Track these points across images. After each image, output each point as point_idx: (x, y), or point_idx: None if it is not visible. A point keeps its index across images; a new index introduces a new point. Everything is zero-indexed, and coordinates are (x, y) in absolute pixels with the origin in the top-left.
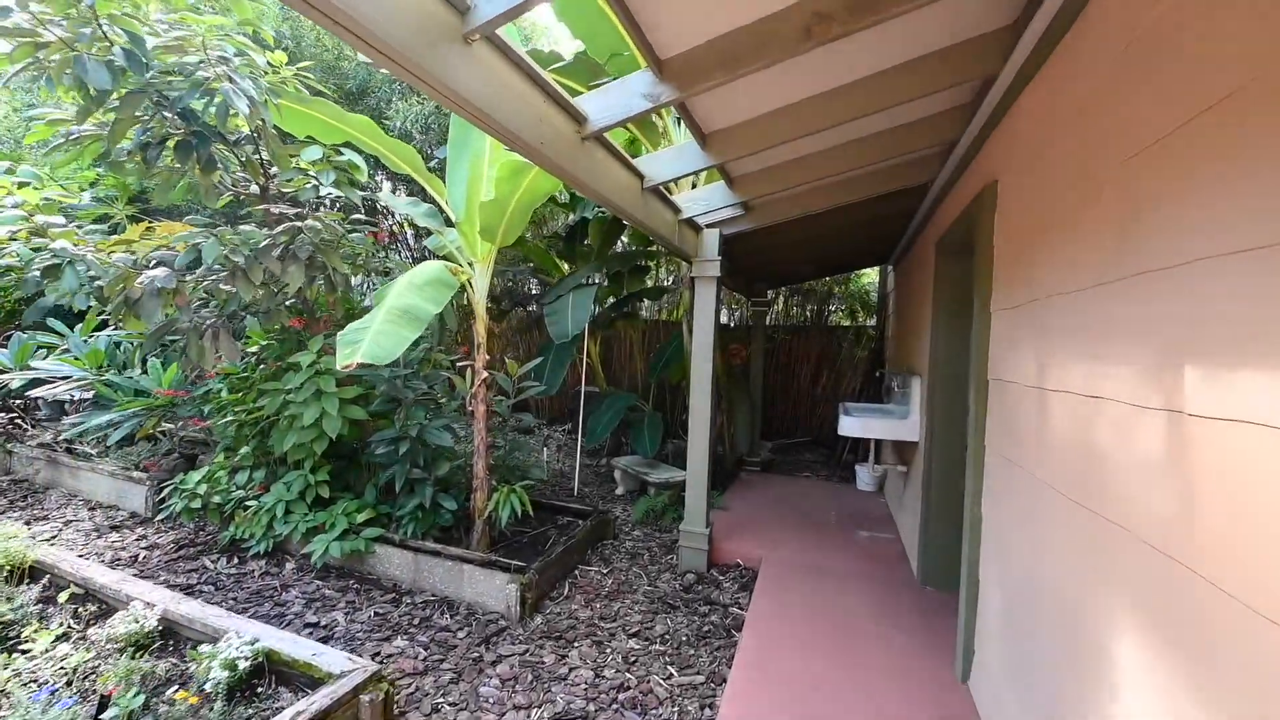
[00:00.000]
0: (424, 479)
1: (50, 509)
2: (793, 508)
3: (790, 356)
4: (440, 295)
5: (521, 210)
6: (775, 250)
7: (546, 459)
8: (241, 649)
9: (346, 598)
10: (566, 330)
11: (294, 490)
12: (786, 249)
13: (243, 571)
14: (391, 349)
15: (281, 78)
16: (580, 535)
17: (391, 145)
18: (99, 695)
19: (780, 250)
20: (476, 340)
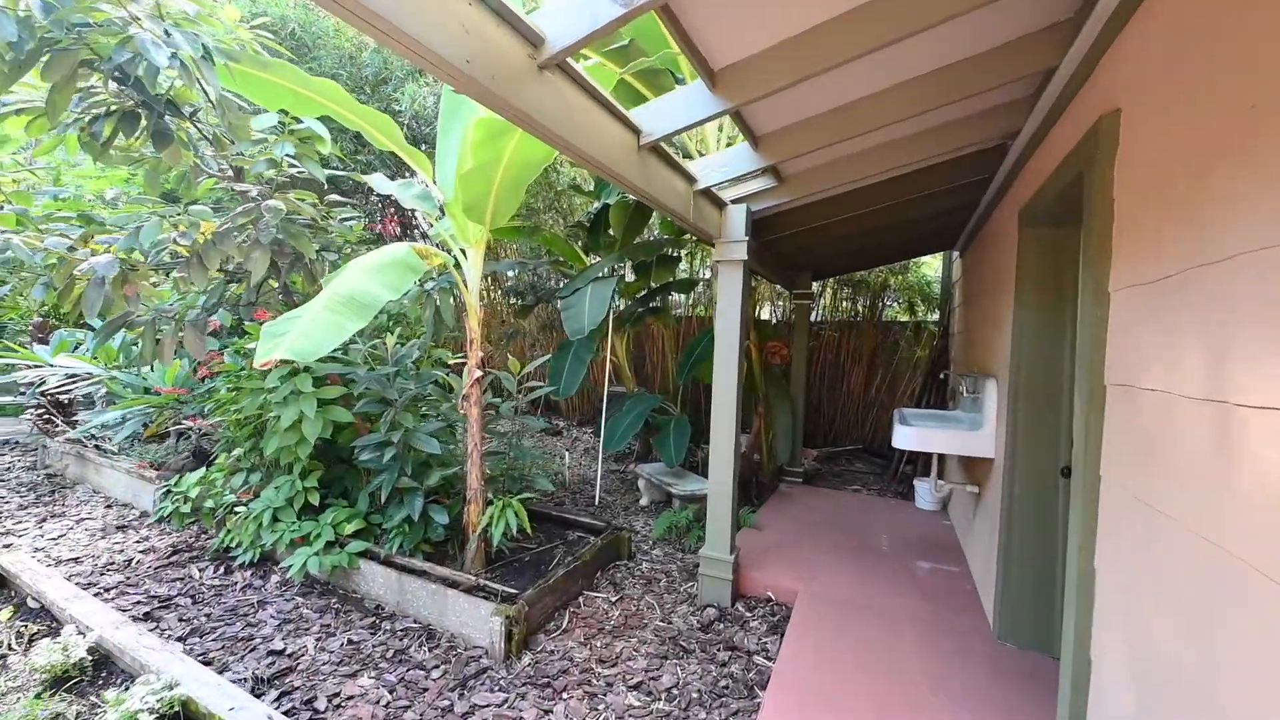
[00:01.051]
0: (414, 488)
1: (69, 506)
2: (838, 528)
3: (839, 355)
4: (399, 280)
5: (512, 184)
6: (818, 234)
7: (569, 463)
8: (148, 699)
9: (324, 619)
10: (583, 326)
11: (282, 496)
12: (831, 232)
13: (226, 583)
14: (323, 342)
15: (237, 38)
16: (587, 556)
17: (364, 113)
18: None
19: (824, 234)
20: (469, 336)
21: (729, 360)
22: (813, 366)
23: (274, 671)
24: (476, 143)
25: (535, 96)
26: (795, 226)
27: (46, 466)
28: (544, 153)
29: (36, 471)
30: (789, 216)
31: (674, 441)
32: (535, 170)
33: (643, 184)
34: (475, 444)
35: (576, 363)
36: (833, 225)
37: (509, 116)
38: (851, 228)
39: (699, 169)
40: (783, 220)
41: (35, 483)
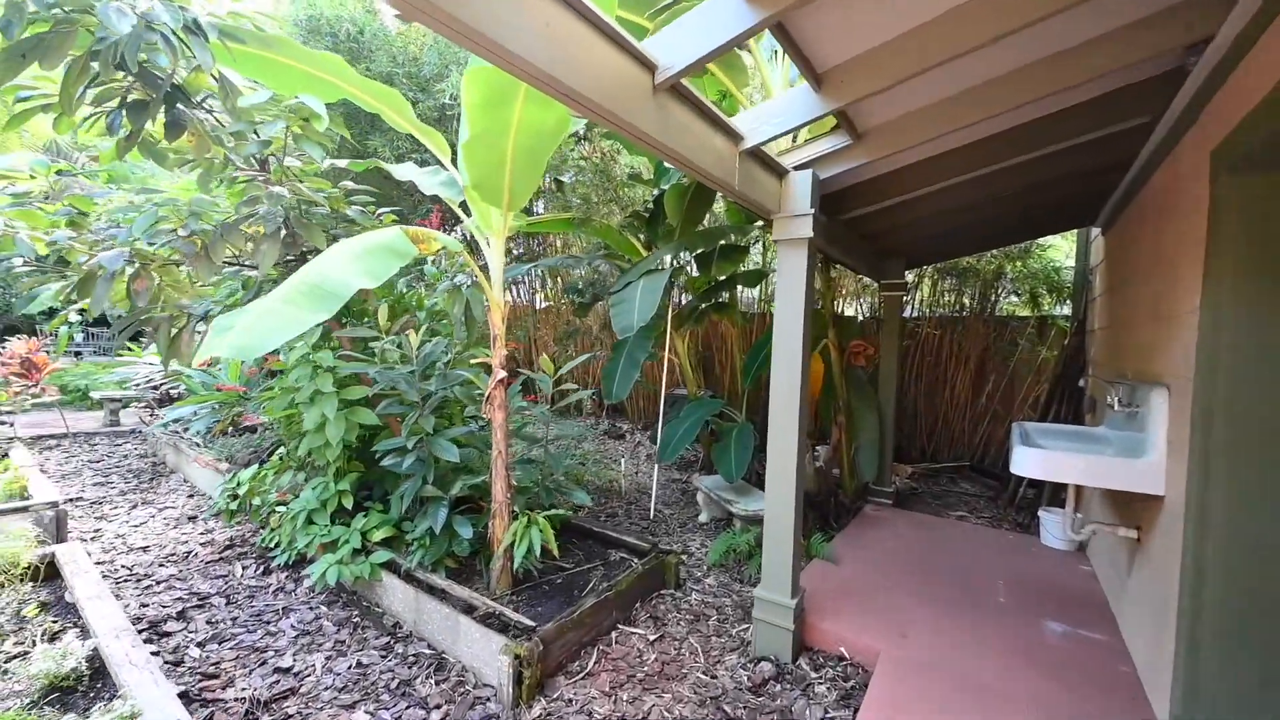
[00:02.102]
0: (438, 498)
1: (160, 494)
2: (938, 567)
3: (939, 356)
4: (381, 266)
5: (526, 157)
6: (911, 209)
7: (625, 470)
8: None
9: (340, 634)
10: (632, 323)
11: (315, 498)
12: (928, 207)
13: (262, 584)
14: (270, 337)
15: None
16: (624, 584)
17: (368, 87)
18: None
19: (918, 209)
20: (492, 333)
21: (790, 358)
22: (906, 369)
23: (274, 694)
24: (474, 105)
25: (524, 31)
26: (881, 199)
27: (153, 455)
28: (557, 117)
29: (145, 459)
30: (872, 187)
31: (735, 453)
32: (551, 140)
33: (659, 135)
34: (499, 451)
35: (629, 364)
36: (929, 198)
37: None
38: (954, 200)
39: (746, 123)
40: (864, 192)
41: (141, 470)
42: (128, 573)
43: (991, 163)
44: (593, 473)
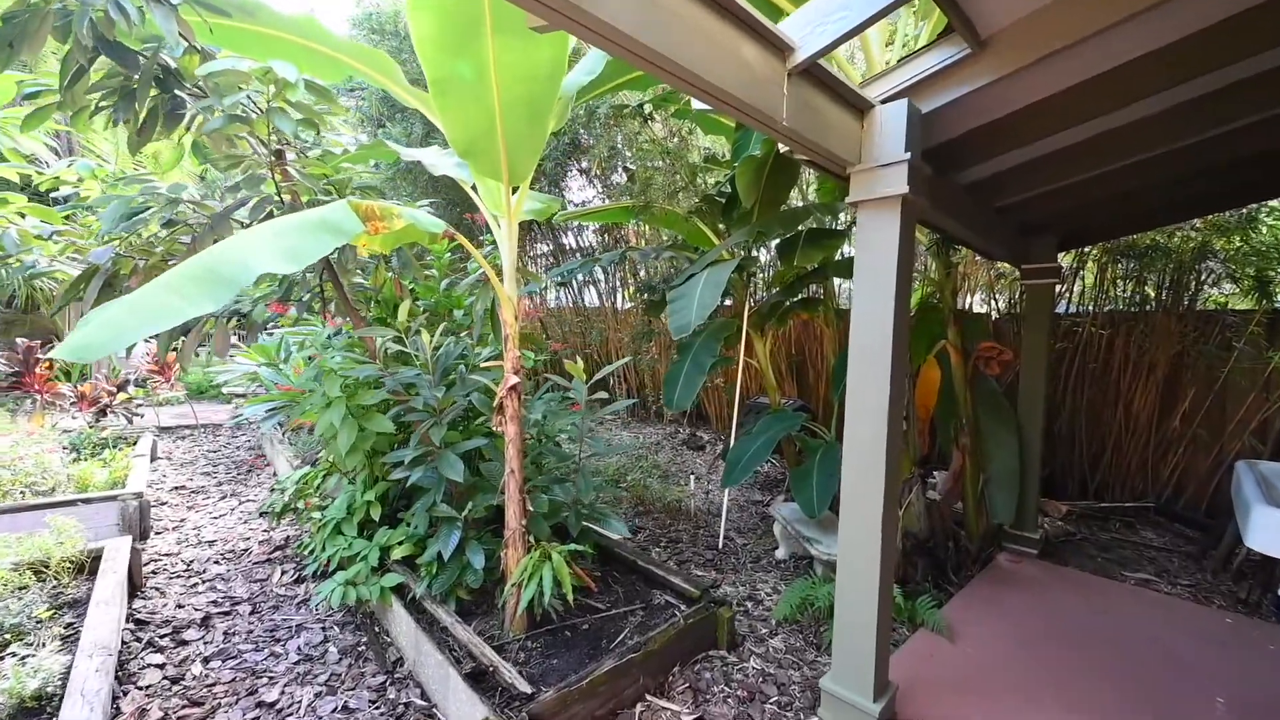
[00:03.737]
0: (451, 518)
1: (248, 487)
2: (1110, 656)
3: (1109, 364)
4: (308, 245)
5: (521, 112)
6: (1067, 162)
7: (694, 487)
8: None
9: (340, 665)
10: (689, 321)
11: (342, 507)
12: (1094, 157)
13: (289, 594)
14: (126, 333)
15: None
16: (658, 642)
17: (346, 48)
18: None
19: (1079, 162)
20: (504, 332)
21: (875, 361)
22: (1059, 379)
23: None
24: (426, 39)
25: None
26: (1018, 144)
27: (256, 448)
28: (550, 55)
29: (251, 452)
30: (1004, 130)
31: (818, 479)
32: (548, 86)
33: (648, 40)
34: (513, 469)
35: (694, 369)
36: (1096, 144)
37: None
38: (1137, 143)
39: (798, 27)
40: (991, 138)
41: (243, 461)
42: (184, 568)
43: (1201, 72)
44: (656, 490)
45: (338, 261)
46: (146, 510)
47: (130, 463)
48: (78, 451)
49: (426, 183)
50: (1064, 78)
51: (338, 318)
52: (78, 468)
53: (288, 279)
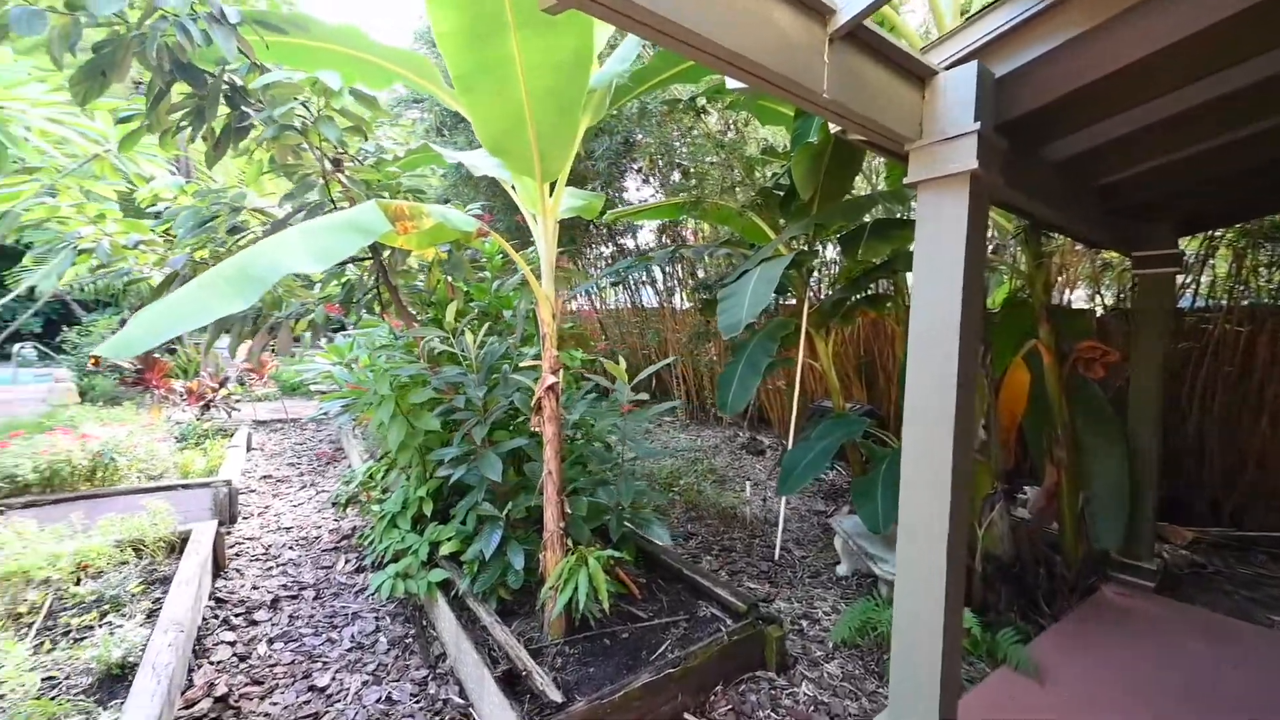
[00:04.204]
0: (494, 517)
1: (326, 478)
2: (1241, 717)
3: (1246, 366)
4: (336, 245)
5: (549, 105)
6: (1187, 129)
7: (749, 493)
8: None
9: (388, 656)
10: (738, 319)
11: (398, 502)
12: (1218, 117)
13: (349, 583)
14: (163, 329)
15: None
16: (698, 658)
17: (388, 54)
18: None
19: (1201, 125)
20: (541, 331)
21: (936, 360)
22: (1183, 384)
23: (296, 717)
24: (447, 35)
25: None
26: (1120, 108)
27: (337, 441)
28: (575, 44)
29: (332, 445)
30: (1104, 90)
31: (883, 491)
32: (575, 76)
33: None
34: (550, 471)
35: (749, 370)
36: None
37: None
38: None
39: None
40: (1087, 100)
41: (323, 453)
42: (263, 551)
43: None
44: (711, 496)
45: (389, 263)
46: (235, 497)
47: (225, 453)
48: (184, 441)
49: (486, 187)
50: (1178, 25)
51: (398, 319)
52: (182, 456)
53: (350, 282)
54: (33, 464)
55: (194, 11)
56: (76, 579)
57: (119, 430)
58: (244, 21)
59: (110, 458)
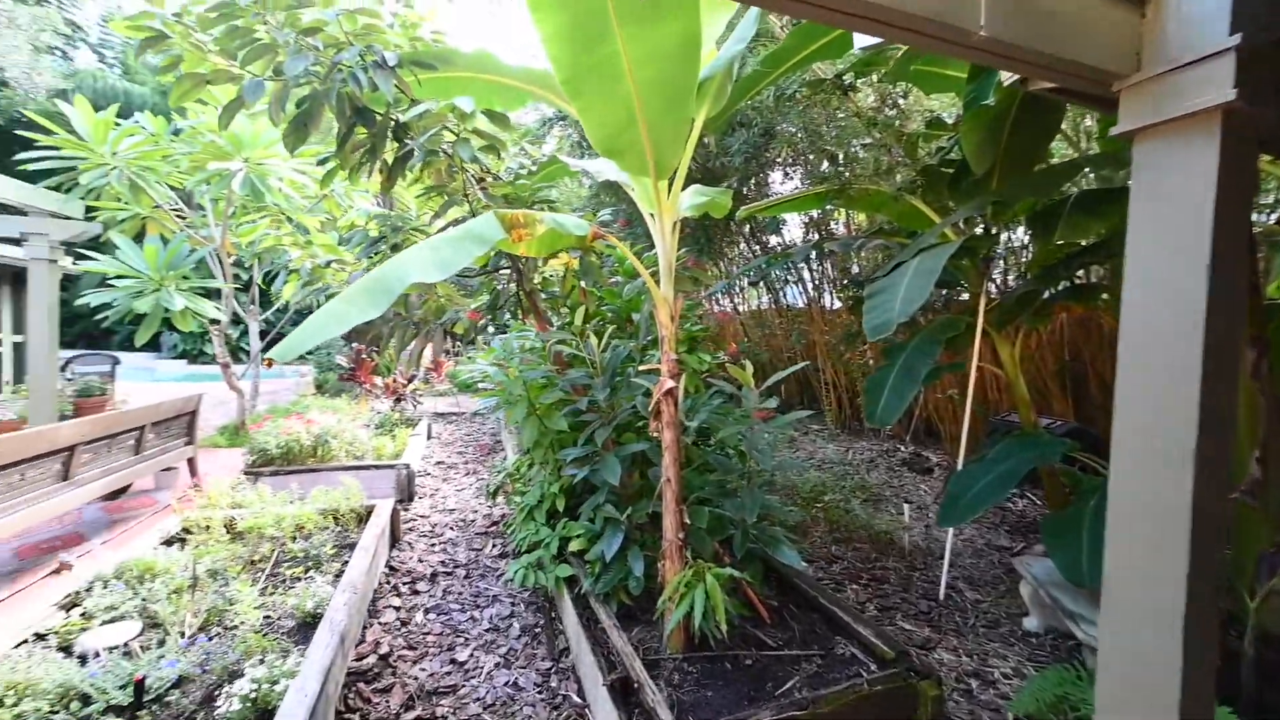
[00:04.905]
0: (615, 520)
1: (486, 468)
2: None
3: None
4: (456, 255)
5: (659, 96)
6: None
7: (909, 518)
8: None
9: (518, 643)
10: (889, 318)
11: (536, 495)
12: None
13: (493, 567)
14: (311, 337)
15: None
16: (832, 704)
17: (517, 74)
18: (139, 680)
19: None
20: (660, 333)
21: (1163, 367)
22: None
23: (437, 686)
24: (551, 37)
25: None
26: None
27: (495, 434)
28: (681, 28)
29: (492, 437)
30: None
31: (1089, 533)
32: (684, 65)
33: None
34: (668, 478)
35: (905, 377)
36: None
37: None
38: None
39: None
40: None
41: (485, 445)
42: (430, 529)
43: None
44: (860, 516)
45: (525, 270)
46: (413, 478)
47: (408, 440)
48: (381, 428)
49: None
50: None
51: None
52: (376, 441)
53: (497, 291)
54: (275, 441)
55: (363, 61)
56: (293, 537)
57: (332, 418)
58: (401, 64)
59: (325, 440)
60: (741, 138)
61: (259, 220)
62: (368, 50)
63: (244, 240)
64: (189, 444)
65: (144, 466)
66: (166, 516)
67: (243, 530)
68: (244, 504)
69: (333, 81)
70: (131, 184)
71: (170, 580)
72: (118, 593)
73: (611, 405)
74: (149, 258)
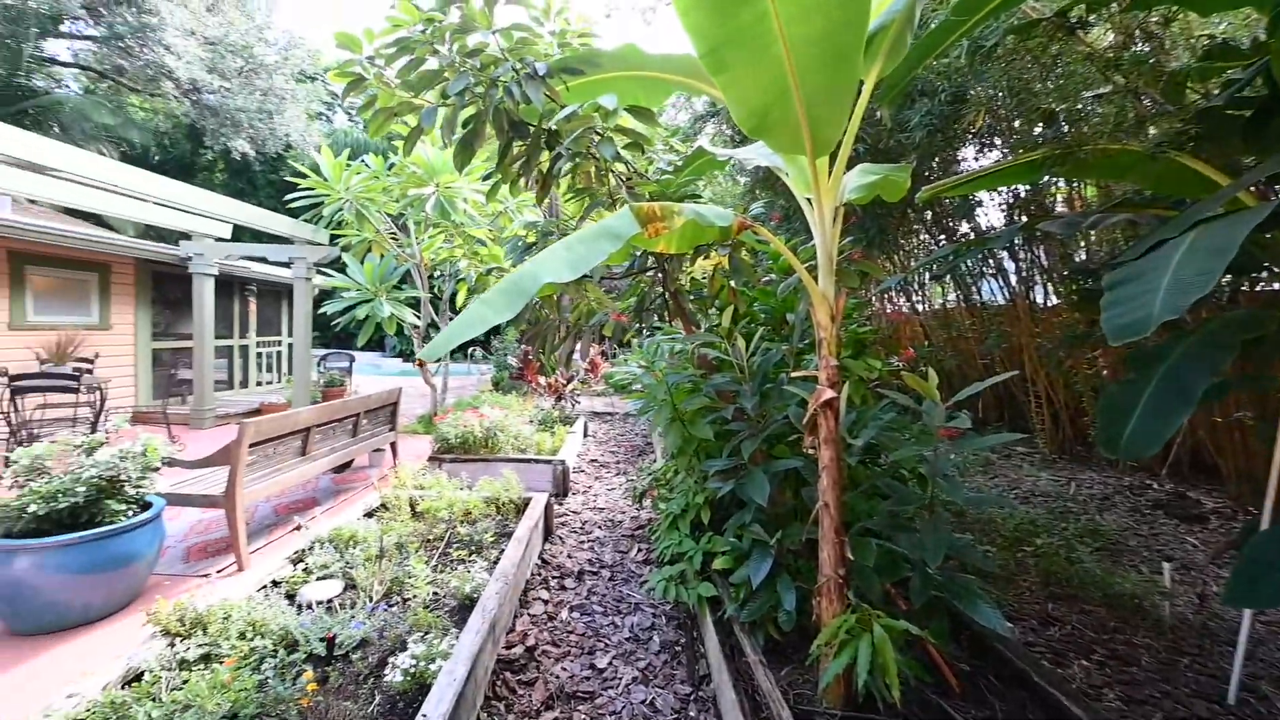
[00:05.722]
0: (763, 542)
1: (637, 469)
2: None
3: None
4: (589, 253)
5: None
6: None
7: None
8: (406, 662)
9: (657, 659)
10: (1147, 314)
11: (679, 504)
12: None
13: (637, 573)
14: (453, 339)
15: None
16: None
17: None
18: (329, 638)
19: None
20: (817, 336)
21: None
22: None
23: (575, 690)
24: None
25: None
26: None
27: (646, 436)
28: None
29: (644, 439)
30: None
31: None
32: (852, 12)
33: None
34: (826, 503)
35: (1171, 393)
36: None
37: None
38: None
39: None
40: None
41: (637, 446)
42: (580, 526)
43: None
44: (1090, 570)
45: (670, 270)
46: (568, 474)
47: (565, 437)
48: (543, 425)
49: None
50: None
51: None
52: (537, 436)
53: (645, 293)
54: (454, 432)
55: (516, 75)
56: (461, 522)
57: (500, 413)
58: (551, 73)
59: (494, 433)
60: (924, 109)
61: (434, 235)
62: (521, 64)
63: (424, 254)
64: (392, 430)
65: (359, 447)
66: (370, 492)
67: (422, 511)
68: (425, 486)
69: (490, 99)
70: (358, 213)
71: (366, 549)
72: (328, 554)
73: (761, 414)
74: (367, 273)
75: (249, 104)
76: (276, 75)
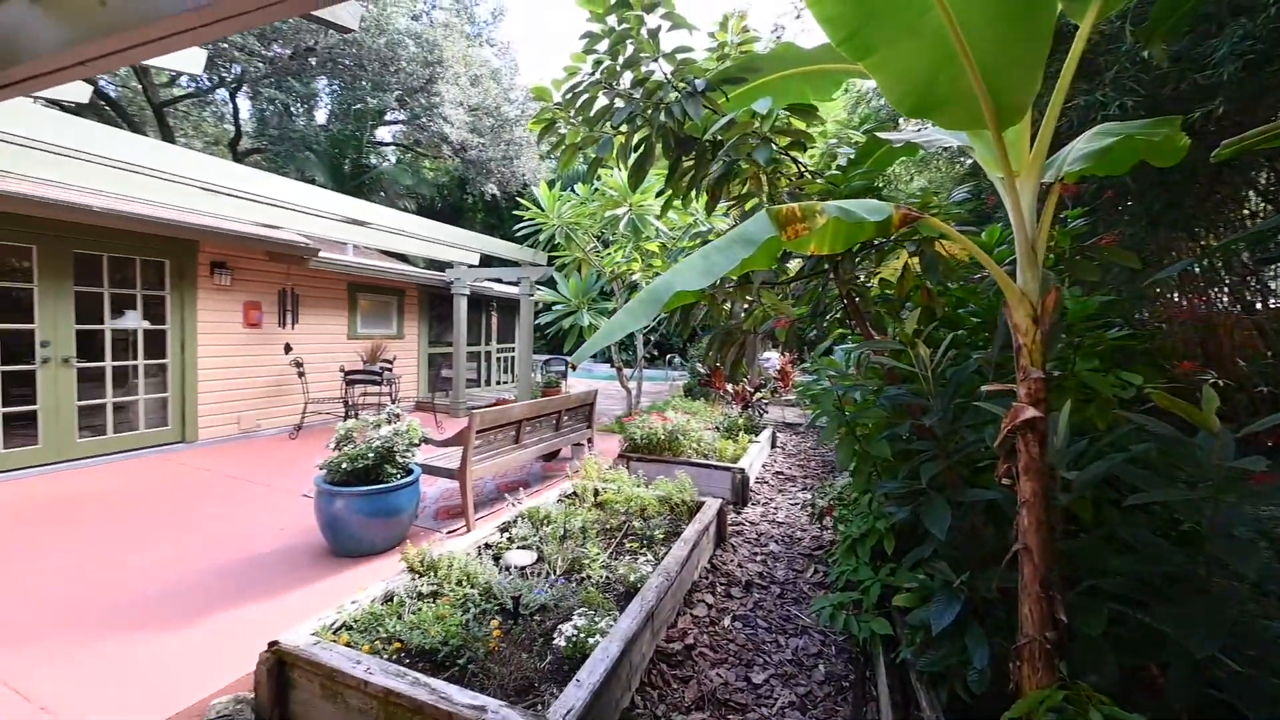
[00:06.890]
0: (949, 585)
1: (823, 483)
2: None
3: None
4: (722, 259)
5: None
6: None
7: None
8: (573, 624)
9: (820, 690)
10: None
11: (859, 528)
12: None
13: (808, 595)
14: (594, 344)
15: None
16: None
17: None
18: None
19: None
20: (1015, 341)
21: None
22: None
23: (727, 698)
24: None
25: None
26: None
27: None
28: None
29: None
30: None
31: None
32: None
33: None
34: (1027, 546)
35: None
36: None
37: None
38: None
39: None
40: None
41: (829, 462)
42: (755, 537)
43: None
44: None
45: (844, 272)
46: (747, 483)
47: (747, 446)
48: (727, 432)
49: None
50: None
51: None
52: (721, 443)
53: (820, 299)
54: (640, 433)
55: (679, 93)
56: (637, 517)
57: (684, 417)
58: (710, 87)
59: (676, 436)
60: (1238, 32)
61: (616, 250)
62: (683, 83)
63: (606, 266)
64: (588, 427)
65: (560, 440)
66: (565, 481)
67: (603, 502)
68: (609, 479)
69: (655, 121)
70: (567, 236)
71: (556, 530)
72: (527, 529)
73: (950, 434)
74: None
75: (496, 154)
76: (517, 128)
